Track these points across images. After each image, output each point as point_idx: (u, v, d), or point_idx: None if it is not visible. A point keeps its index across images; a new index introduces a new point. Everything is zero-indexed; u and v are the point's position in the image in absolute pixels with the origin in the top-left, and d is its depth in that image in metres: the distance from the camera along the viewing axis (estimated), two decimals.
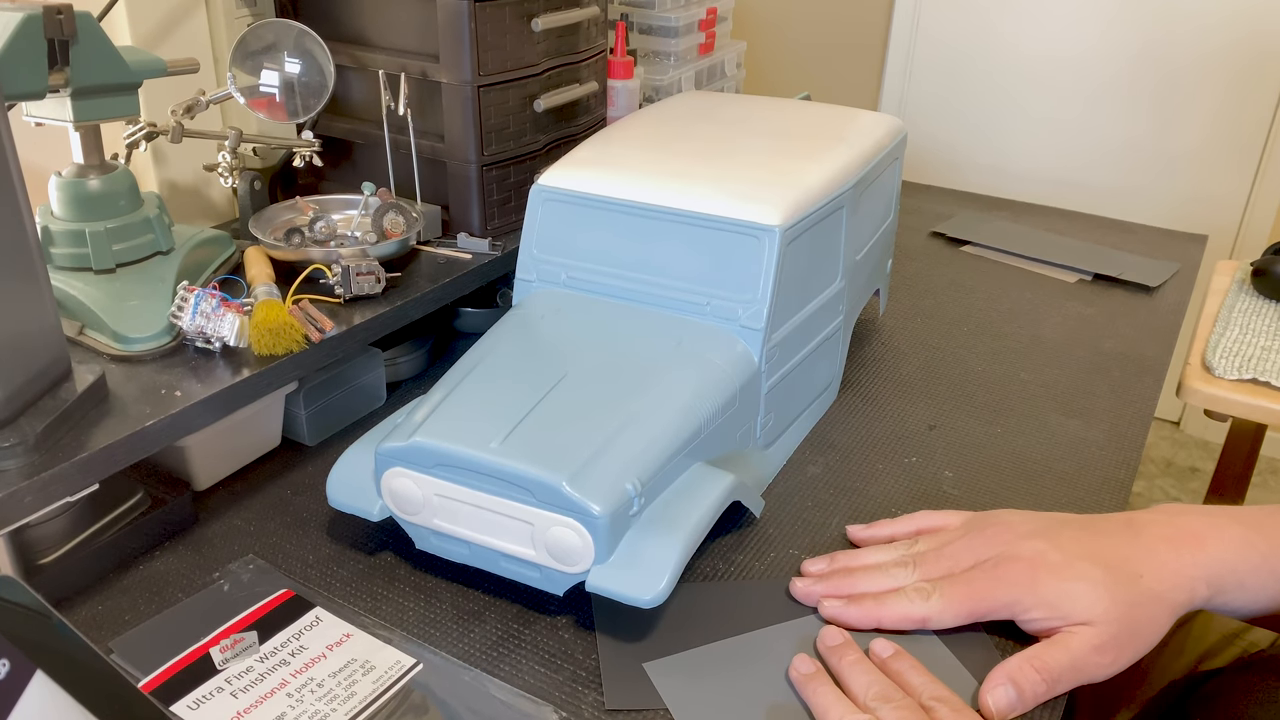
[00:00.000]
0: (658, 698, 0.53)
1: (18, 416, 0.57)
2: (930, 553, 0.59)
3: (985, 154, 2.31)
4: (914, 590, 0.57)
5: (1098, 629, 0.53)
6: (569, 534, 0.54)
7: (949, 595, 0.56)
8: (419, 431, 0.58)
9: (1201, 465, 2.24)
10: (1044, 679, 0.52)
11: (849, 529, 0.65)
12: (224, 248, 0.80)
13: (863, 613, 0.57)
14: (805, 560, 0.62)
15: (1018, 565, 0.56)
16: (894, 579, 0.58)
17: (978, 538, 0.58)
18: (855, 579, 0.59)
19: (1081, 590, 0.54)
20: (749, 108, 0.86)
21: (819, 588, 0.59)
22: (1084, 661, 0.53)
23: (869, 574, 0.59)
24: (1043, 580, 0.55)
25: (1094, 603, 0.53)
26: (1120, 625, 0.53)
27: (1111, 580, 0.54)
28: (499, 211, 0.87)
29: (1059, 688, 0.53)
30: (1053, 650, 0.53)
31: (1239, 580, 0.55)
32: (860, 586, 0.59)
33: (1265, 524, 0.57)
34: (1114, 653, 0.53)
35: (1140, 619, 0.54)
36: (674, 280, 0.68)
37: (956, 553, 0.58)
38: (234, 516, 0.67)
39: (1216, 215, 2.13)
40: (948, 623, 0.56)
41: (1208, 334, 1.15)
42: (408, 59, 0.82)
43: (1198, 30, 2.03)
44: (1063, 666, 0.53)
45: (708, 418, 0.61)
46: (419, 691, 0.53)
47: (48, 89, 0.65)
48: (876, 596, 0.57)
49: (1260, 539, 0.56)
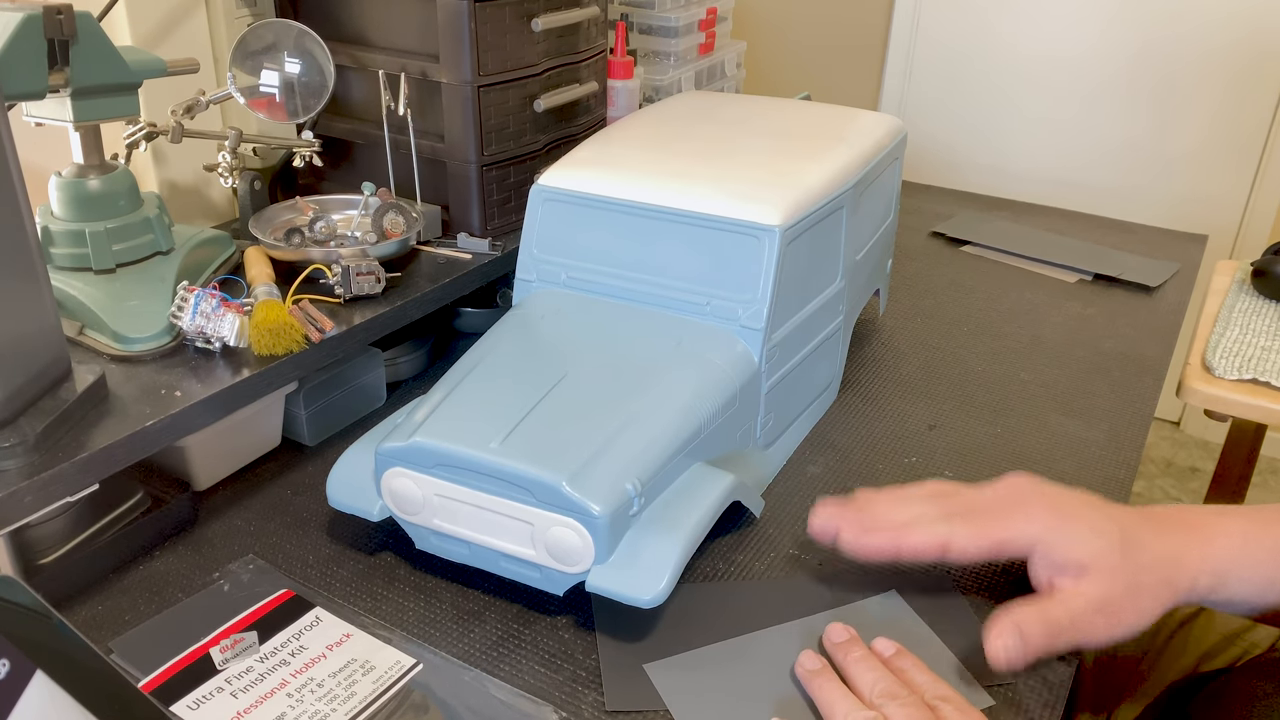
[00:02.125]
0: (658, 698, 0.53)
1: (18, 416, 0.57)
2: (952, 493, 0.59)
3: (985, 154, 2.31)
4: (935, 517, 0.56)
5: (1102, 589, 0.53)
6: (569, 534, 0.54)
7: (971, 522, 0.55)
8: (419, 431, 0.58)
9: (1201, 465, 2.24)
10: (1045, 631, 0.52)
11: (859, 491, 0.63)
12: (224, 248, 0.80)
13: (882, 540, 0.56)
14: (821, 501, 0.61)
15: (1042, 505, 0.56)
16: (914, 510, 0.57)
17: (1000, 487, 0.58)
18: (875, 509, 0.58)
19: (1099, 543, 0.54)
20: (749, 108, 0.86)
21: (836, 520, 0.58)
22: (1083, 621, 0.53)
23: (889, 505, 0.58)
24: (1066, 522, 0.55)
25: (1108, 555, 0.53)
26: (1125, 589, 0.53)
27: (1125, 542, 0.54)
28: (499, 211, 0.87)
29: (1057, 643, 0.53)
30: (1055, 606, 0.53)
31: (1241, 574, 0.55)
32: (879, 516, 0.57)
33: (1271, 519, 0.57)
34: (1113, 616, 0.53)
35: (1144, 587, 0.54)
36: (674, 280, 0.68)
37: (978, 494, 0.58)
38: (234, 516, 0.67)
39: (1216, 215, 2.13)
40: (969, 553, 0.55)
41: (1208, 334, 1.15)
42: (408, 59, 0.82)
43: (1198, 30, 2.03)
44: (1063, 623, 0.53)
45: (708, 418, 0.61)
46: (419, 691, 0.53)
47: (48, 89, 0.65)
48: (896, 526, 0.57)
49: (1265, 534, 0.56)
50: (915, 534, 0.56)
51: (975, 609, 0.60)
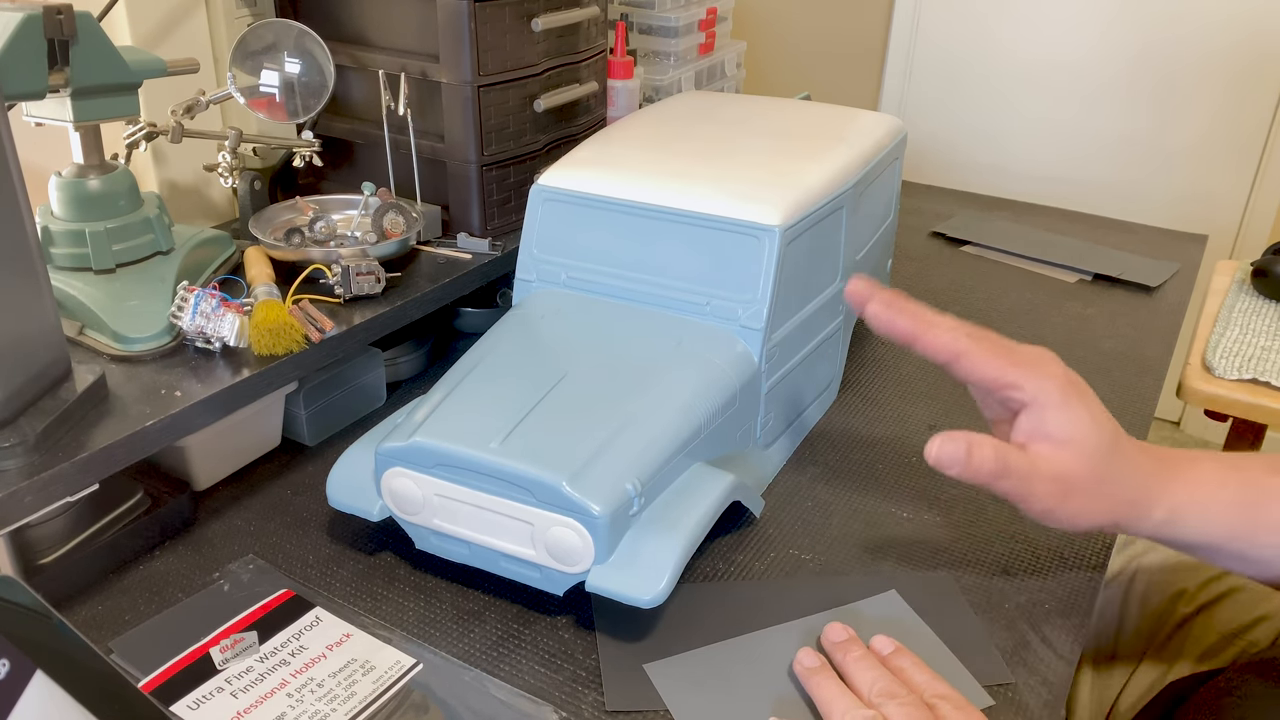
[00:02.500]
0: (658, 698, 0.53)
1: (18, 416, 0.57)
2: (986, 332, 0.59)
3: (985, 154, 2.31)
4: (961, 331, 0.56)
5: (1070, 467, 0.54)
6: (569, 534, 0.54)
7: (992, 348, 0.56)
8: (419, 431, 0.58)
9: None
10: (995, 463, 0.53)
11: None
12: (224, 248, 0.80)
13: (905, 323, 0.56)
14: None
15: (1061, 372, 0.56)
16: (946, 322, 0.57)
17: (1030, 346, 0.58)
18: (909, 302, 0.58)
19: (1093, 430, 0.55)
20: (749, 108, 0.86)
21: (871, 291, 0.58)
22: (1036, 480, 0.54)
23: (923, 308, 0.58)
24: (1074, 398, 0.55)
25: (1095, 443, 0.55)
26: (1089, 481, 0.54)
27: (1113, 445, 0.55)
28: (499, 211, 0.87)
29: (999, 481, 0.54)
30: (1019, 453, 0.54)
31: (1199, 515, 0.56)
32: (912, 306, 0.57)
33: (1244, 467, 0.58)
34: (1063, 496, 0.54)
35: (1103, 493, 0.55)
36: (674, 280, 0.68)
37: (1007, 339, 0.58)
38: (234, 516, 0.67)
39: (1216, 215, 2.13)
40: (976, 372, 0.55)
41: (1208, 334, 1.15)
42: (408, 59, 0.82)
43: (1198, 31, 2.03)
44: (1018, 469, 0.54)
45: (708, 418, 0.61)
46: (419, 691, 0.53)
47: (48, 89, 0.65)
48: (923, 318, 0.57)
49: (1231, 479, 0.57)
50: (937, 331, 0.56)
51: (975, 609, 0.60)
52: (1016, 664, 0.56)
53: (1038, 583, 0.61)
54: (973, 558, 0.64)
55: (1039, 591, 0.61)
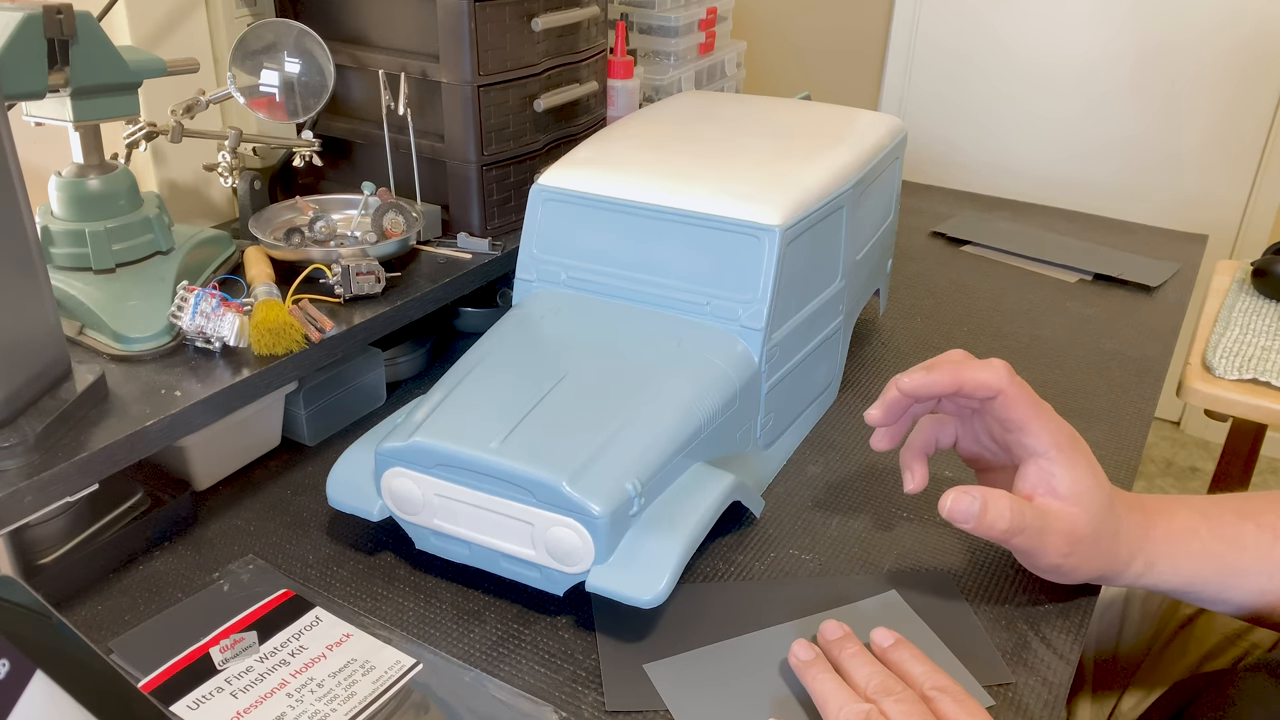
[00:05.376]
0: (658, 699, 0.53)
1: (18, 416, 0.57)
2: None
3: (985, 153, 2.31)
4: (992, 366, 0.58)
5: (1079, 523, 0.55)
6: (569, 534, 0.54)
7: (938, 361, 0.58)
8: (419, 431, 0.58)
9: (1201, 465, 2.24)
10: (1011, 521, 0.54)
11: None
12: (224, 248, 0.80)
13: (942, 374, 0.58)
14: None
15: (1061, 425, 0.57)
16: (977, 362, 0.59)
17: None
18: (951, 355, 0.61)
19: (1095, 487, 0.56)
20: (749, 108, 0.86)
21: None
22: (1049, 534, 0.55)
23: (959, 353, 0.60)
24: (1076, 454, 0.56)
25: (1097, 501, 0.56)
26: (1092, 536, 0.56)
27: (1109, 501, 0.57)
28: (499, 211, 0.87)
29: (1014, 538, 0.55)
30: (1031, 508, 0.55)
31: (1170, 564, 0.58)
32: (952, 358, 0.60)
33: (1211, 511, 0.59)
34: (1071, 550, 0.55)
35: (1100, 549, 0.56)
36: (674, 280, 0.68)
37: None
38: (234, 516, 0.67)
39: (1217, 215, 2.13)
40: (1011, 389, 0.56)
41: (1208, 334, 1.15)
42: (408, 59, 0.82)
43: (1198, 31, 2.03)
44: (1031, 526, 0.55)
45: (708, 418, 0.61)
46: (419, 691, 0.53)
47: (48, 89, 0.65)
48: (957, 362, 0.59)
49: (1201, 528, 0.58)
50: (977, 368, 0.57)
51: (975, 609, 0.60)
52: (1016, 664, 0.56)
53: (1038, 583, 0.61)
54: (973, 557, 0.64)
55: (1039, 592, 0.61)
